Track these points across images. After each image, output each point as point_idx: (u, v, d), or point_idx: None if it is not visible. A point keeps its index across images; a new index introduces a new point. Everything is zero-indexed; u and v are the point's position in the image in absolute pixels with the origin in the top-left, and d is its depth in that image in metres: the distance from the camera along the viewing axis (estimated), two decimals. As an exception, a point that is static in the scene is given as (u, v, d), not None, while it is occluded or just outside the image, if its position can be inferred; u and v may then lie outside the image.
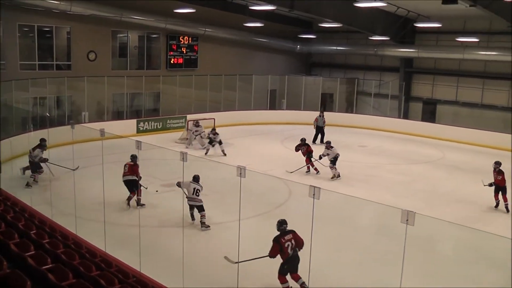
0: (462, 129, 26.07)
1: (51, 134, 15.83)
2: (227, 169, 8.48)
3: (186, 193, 12.03)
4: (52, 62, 24.50)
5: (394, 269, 7.33)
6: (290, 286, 8.81)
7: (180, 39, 28.92)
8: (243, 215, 9.03)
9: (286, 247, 8.65)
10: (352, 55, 34.64)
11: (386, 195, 15.44)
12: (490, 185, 14.66)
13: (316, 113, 25.39)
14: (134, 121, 24.78)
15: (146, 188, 13.97)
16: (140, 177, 13.71)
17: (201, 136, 22.09)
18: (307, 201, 7.18)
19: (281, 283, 8.80)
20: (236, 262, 8.69)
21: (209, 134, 21.10)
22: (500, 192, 14.41)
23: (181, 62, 29.21)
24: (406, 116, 31.07)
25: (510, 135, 24.17)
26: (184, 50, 29.28)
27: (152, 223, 12.23)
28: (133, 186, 13.49)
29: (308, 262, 7.87)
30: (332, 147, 18.05)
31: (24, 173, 16.13)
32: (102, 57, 25.78)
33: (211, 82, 28.61)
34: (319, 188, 7.03)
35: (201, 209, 12.26)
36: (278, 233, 8.82)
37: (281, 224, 8.92)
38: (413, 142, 25.69)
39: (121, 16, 24.79)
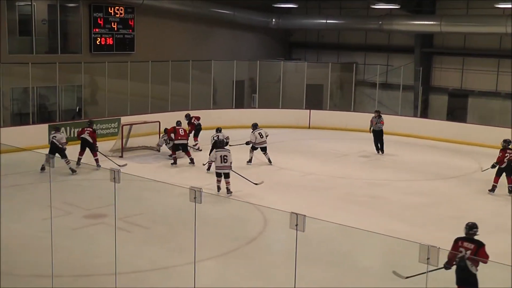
0: (506, 130, 26.09)
1: None
2: (177, 192, 8.49)
3: (215, 162, 17.14)
4: None
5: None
6: None
7: (109, 10, 28.81)
8: (200, 255, 9.03)
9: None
10: (348, 32, 35.07)
11: (397, 224, 15.54)
12: (493, 166, 18.52)
13: (302, 112, 25.61)
14: (45, 126, 24.49)
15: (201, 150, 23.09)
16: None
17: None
18: (289, 233, 7.21)
19: None
20: (406, 277, 10.14)
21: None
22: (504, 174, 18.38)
23: (110, 43, 29.10)
24: (425, 114, 31.53)
25: None
26: (115, 26, 29.16)
27: (71, 272, 12.11)
28: (185, 149, 21.46)
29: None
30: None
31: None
32: (-8, 36, 25.47)
33: (153, 72, 28.63)
34: (304, 215, 7.08)
35: (227, 176, 17.03)
36: None
37: (471, 228, 10.18)
38: (436, 149, 26.04)
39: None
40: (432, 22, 30.73)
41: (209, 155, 20.46)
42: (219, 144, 18.18)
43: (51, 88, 26.73)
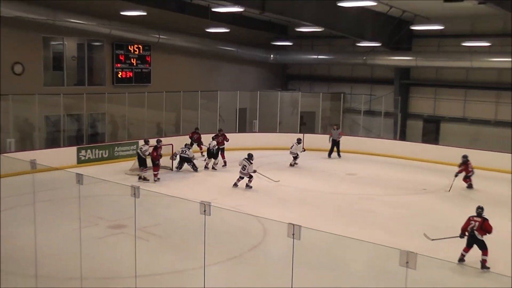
0: (472, 151, 25.95)
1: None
2: (188, 206, 8.51)
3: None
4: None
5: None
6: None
7: (129, 48, 28.94)
8: (209, 261, 9.04)
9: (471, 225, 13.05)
10: (336, 65, 35.13)
11: (381, 233, 15.55)
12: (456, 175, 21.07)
13: (297, 135, 25.84)
14: (73, 148, 24.53)
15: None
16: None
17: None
18: (286, 241, 7.23)
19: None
20: (433, 239, 13.61)
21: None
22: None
23: (130, 76, 29.20)
24: (403, 137, 31.53)
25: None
26: (134, 62, 29.28)
27: (97, 275, 12.11)
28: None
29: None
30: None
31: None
32: (31, 70, 25.36)
33: (167, 101, 28.69)
34: (299, 226, 7.10)
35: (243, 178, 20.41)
36: None
37: (480, 208, 13.24)
38: (413, 168, 26.03)
39: (55, 19, 24.46)
40: (409, 58, 30.96)
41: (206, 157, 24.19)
42: (248, 155, 20.74)
43: (79, 116, 26.80)
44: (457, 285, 12.45)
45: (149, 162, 21.80)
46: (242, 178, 20.60)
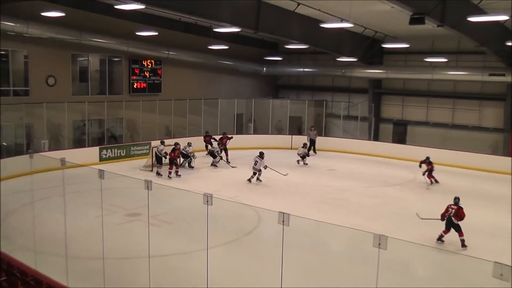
0: (433, 149, 26.40)
1: (8, 164, 15.63)
2: (193, 197, 8.50)
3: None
4: (9, 88, 23.93)
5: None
6: None
7: (143, 62, 28.94)
8: (211, 244, 9.05)
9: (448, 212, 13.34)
10: (319, 77, 35.14)
11: (357, 219, 15.58)
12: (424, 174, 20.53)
13: (286, 137, 25.79)
14: (96, 148, 24.53)
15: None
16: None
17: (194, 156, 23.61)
18: (277, 227, 7.24)
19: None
20: (422, 218, 14.38)
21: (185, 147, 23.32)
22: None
23: (144, 86, 29.19)
24: (376, 138, 31.58)
25: (481, 154, 25.10)
26: (147, 74, 29.28)
27: (116, 255, 12.12)
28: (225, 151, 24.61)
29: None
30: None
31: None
32: (61, 82, 25.50)
33: (175, 107, 28.64)
34: (288, 214, 7.11)
35: (255, 174, 20.27)
36: None
37: (456, 198, 13.51)
38: (384, 164, 26.06)
39: (81, 39, 24.61)
40: (380, 71, 31.02)
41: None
42: (259, 153, 20.82)
43: (101, 120, 26.81)
44: (421, 262, 12.53)
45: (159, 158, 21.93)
46: (255, 174, 20.51)
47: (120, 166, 23.22)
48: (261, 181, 20.63)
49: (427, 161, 21.07)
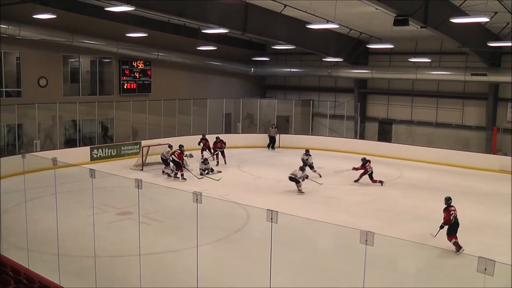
0: (418, 147, 26.70)
1: (0, 164, 15.52)
2: (183, 195, 8.48)
3: None
4: (1, 89, 23.89)
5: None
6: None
7: (133, 63, 28.85)
8: (201, 241, 9.02)
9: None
10: (306, 77, 35.16)
11: (345, 216, 15.62)
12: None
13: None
14: (87, 148, 24.40)
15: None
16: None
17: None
18: (266, 225, 7.23)
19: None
20: (435, 236, 12.87)
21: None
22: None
23: (134, 87, 29.10)
24: (362, 136, 31.65)
25: (464, 152, 25.28)
26: (137, 75, 29.19)
27: (107, 253, 12.06)
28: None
29: (268, 286, 7.90)
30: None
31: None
32: (53, 83, 25.44)
33: (165, 107, 28.59)
34: (277, 211, 7.11)
35: (292, 180, 18.74)
36: None
37: (448, 200, 12.87)
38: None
39: (72, 41, 24.58)
40: (365, 71, 31.12)
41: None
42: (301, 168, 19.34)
43: (92, 120, 26.69)
44: (408, 258, 12.58)
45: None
46: (298, 182, 18.88)
47: (111, 165, 23.12)
48: (303, 193, 18.99)
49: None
